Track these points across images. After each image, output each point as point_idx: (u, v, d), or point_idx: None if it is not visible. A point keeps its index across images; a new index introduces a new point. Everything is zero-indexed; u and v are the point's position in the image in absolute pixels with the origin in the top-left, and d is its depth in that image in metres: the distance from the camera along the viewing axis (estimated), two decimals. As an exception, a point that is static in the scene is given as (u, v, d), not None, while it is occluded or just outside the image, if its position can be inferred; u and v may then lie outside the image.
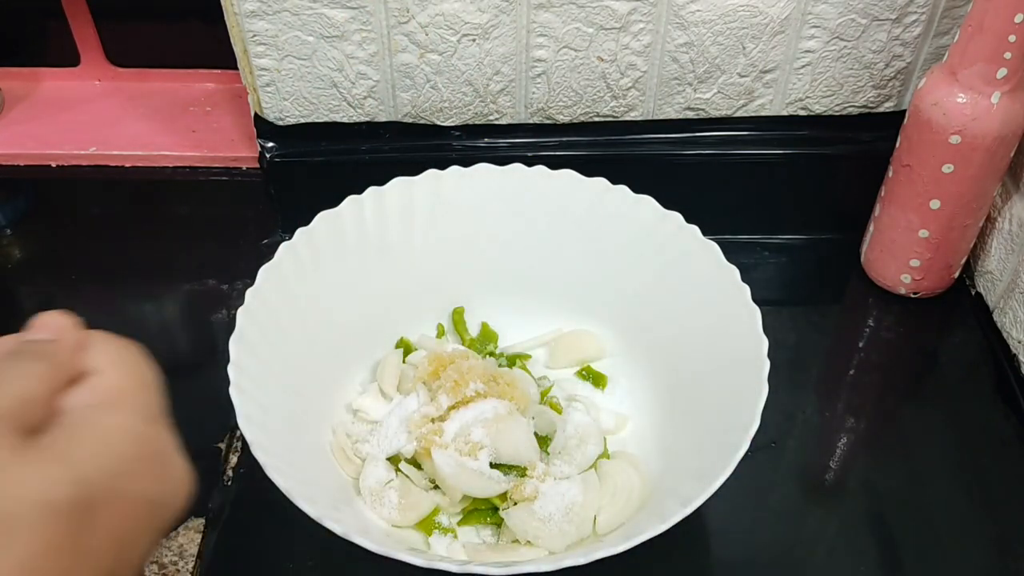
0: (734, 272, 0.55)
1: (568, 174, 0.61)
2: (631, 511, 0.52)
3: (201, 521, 0.55)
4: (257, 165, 0.73)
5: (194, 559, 0.53)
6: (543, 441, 0.56)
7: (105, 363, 0.33)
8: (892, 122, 0.67)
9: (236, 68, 0.68)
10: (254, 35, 0.65)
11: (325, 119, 0.70)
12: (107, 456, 0.30)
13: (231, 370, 0.49)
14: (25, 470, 0.28)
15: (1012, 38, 0.55)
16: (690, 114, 0.70)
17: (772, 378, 0.49)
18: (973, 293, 0.70)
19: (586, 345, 0.62)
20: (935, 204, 0.63)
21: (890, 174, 0.66)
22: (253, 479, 0.56)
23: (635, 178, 0.61)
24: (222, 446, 0.59)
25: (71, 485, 0.28)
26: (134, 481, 0.30)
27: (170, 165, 0.78)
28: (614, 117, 0.70)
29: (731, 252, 0.56)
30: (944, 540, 0.55)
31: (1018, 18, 0.54)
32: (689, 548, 0.55)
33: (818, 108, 0.70)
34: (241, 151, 0.77)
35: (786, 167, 0.71)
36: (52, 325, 0.34)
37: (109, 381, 0.33)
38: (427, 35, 0.65)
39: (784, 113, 0.70)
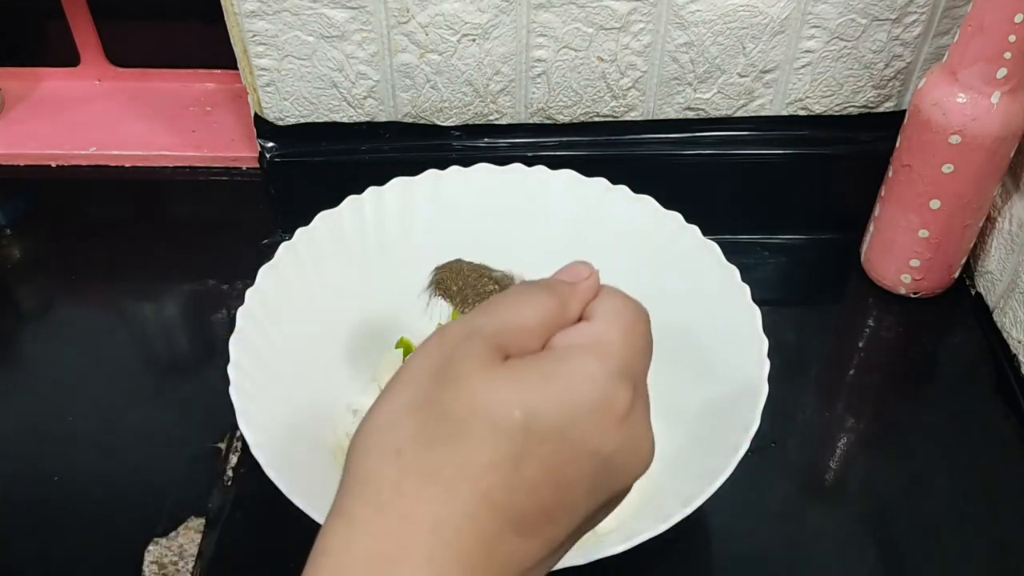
0: (734, 272, 0.55)
1: (568, 174, 0.61)
2: (631, 511, 0.52)
3: (201, 521, 0.55)
4: (257, 165, 0.73)
5: (194, 559, 0.53)
6: (543, 441, 0.56)
7: (603, 312, 0.33)
8: (892, 122, 0.67)
9: (236, 68, 0.68)
10: (254, 35, 0.65)
11: (325, 119, 0.70)
12: (563, 395, 0.30)
13: (231, 370, 0.49)
14: (482, 384, 0.29)
15: (1012, 38, 0.55)
16: (690, 114, 0.70)
17: (772, 378, 0.50)
18: (973, 293, 0.70)
19: (586, 345, 0.62)
20: (935, 204, 0.63)
21: (890, 174, 0.66)
22: (253, 479, 0.56)
23: (635, 178, 0.61)
24: (222, 446, 0.59)
25: (520, 410, 0.29)
26: (584, 431, 0.30)
27: (170, 165, 0.78)
28: (614, 117, 0.70)
29: (731, 252, 0.56)
30: (944, 540, 0.55)
31: (1018, 18, 0.54)
32: (689, 548, 0.55)
33: (818, 108, 0.70)
34: (241, 151, 0.77)
35: (786, 167, 0.71)
36: (575, 272, 0.34)
37: (597, 329, 0.32)
38: (427, 35, 0.65)
39: (784, 113, 0.70)
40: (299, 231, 0.57)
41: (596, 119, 0.70)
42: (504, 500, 0.28)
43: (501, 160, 0.62)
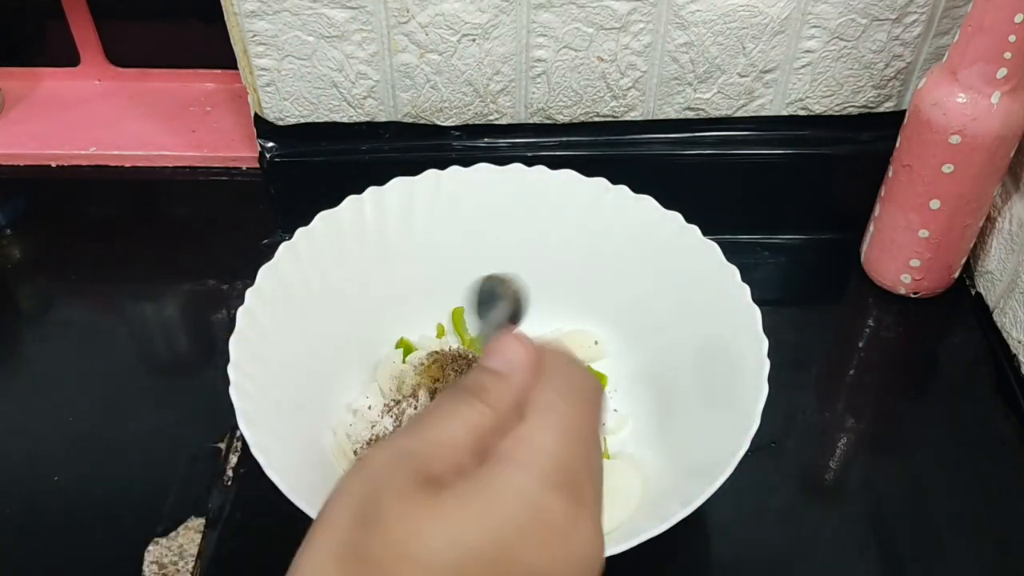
0: (734, 272, 0.55)
1: (568, 174, 0.61)
2: (631, 511, 0.52)
3: (201, 521, 0.55)
4: (257, 165, 0.73)
5: (194, 559, 0.53)
6: (543, 441, 0.56)
7: (535, 408, 0.30)
8: (892, 122, 0.67)
9: (236, 68, 0.68)
10: (254, 35, 0.65)
11: (325, 119, 0.70)
12: (491, 521, 0.28)
13: (231, 370, 0.49)
14: (406, 523, 0.27)
15: (1012, 38, 0.55)
16: (690, 114, 0.70)
17: (772, 378, 0.49)
18: (973, 293, 0.70)
19: (586, 345, 0.62)
20: (935, 204, 0.63)
21: (890, 174, 0.66)
22: (253, 479, 0.56)
23: (635, 178, 0.61)
24: (222, 446, 0.59)
25: (447, 547, 0.27)
26: (517, 552, 0.28)
27: (170, 165, 0.78)
28: (614, 117, 0.70)
29: (731, 252, 0.56)
30: (944, 540, 0.55)
31: (1018, 18, 0.54)
32: (689, 548, 0.55)
33: (818, 108, 0.70)
34: (241, 151, 0.77)
35: (786, 167, 0.71)
36: (505, 357, 0.32)
37: (526, 431, 0.30)
38: (427, 35, 0.65)
39: (784, 113, 0.70)
40: (299, 231, 0.57)
41: (596, 119, 0.70)
42: None
43: (501, 160, 0.62)
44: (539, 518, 0.28)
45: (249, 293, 0.54)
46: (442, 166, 0.61)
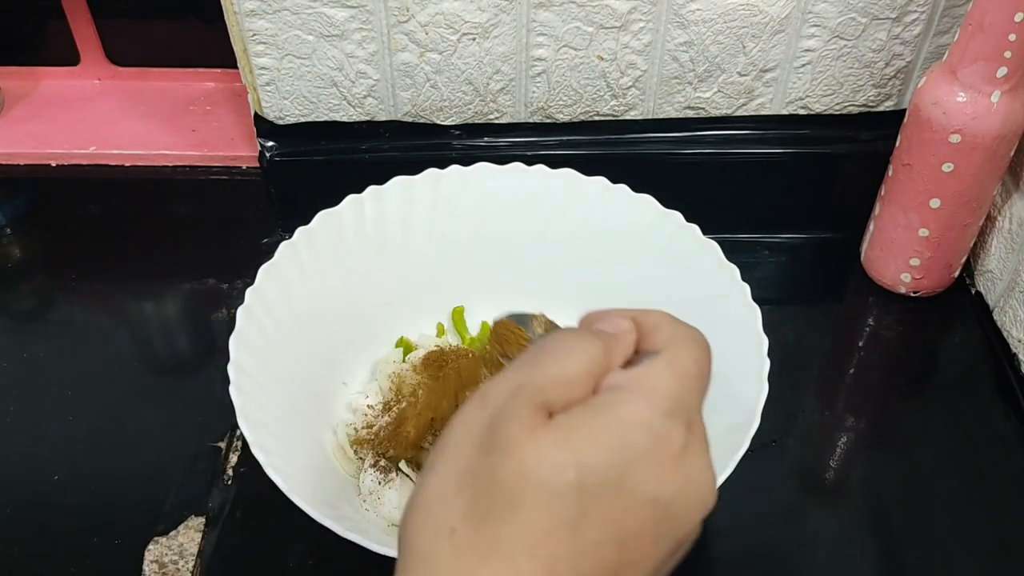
0: (734, 271, 0.55)
1: (568, 173, 0.61)
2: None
3: (201, 520, 0.55)
4: (257, 164, 0.73)
5: (194, 558, 0.53)
6: (543, 440, 0.56)
7: (660, 347, 0.32)
8: (892, 121, 0.67)
9: (236, 67, 0.68)
10: (254, 34, 0.65)
11: (325, 118, 0.70)
12: (615, 446, 0.28)
13: (231, 370, 0.49)
14: (530, 448, 0.28)
15: (1012, 37, 0.55)
16: (690, 113, 0.70)
17: (772, 377, 0.49)
18: (973, 292, 0.70)
19: (586, 344, 0.62)
20: (935, 203, 0.63)
21: (890, 173, 0.66)
22: (253, 479, 0.56)
23: (635, 177, 0.61)
24: (222, 446, 0.59)
25: (573, 470, 0.28)
26: (639, 478, 0.28)
27: (170, 165, 0.78)
28: (614, 116, 0.70)
29: (731, 251, 0.56)
30: (944, 540, 0.55)
31: (1018, 17, 0.54)
32: (689, 548, 0.55)
33: (818, 107, 0.70)
34: (241, 150, 0.77)
35: (786, 166, 0.71)
36: (616, 325, 0.33)
37: (648, 371, 0.31)
38: (427, 34, 0.65)
39: (784, 112, 0.70)
40: (299, 231, 0.57)
41: (596, 118, 0.70)
42: (568, 567, 0.27)
43: (501, 159, 0.62)
44: (658, 444, 0.29)
45: (249, 293, 0.54)
46: (442, 165, 0.61)
